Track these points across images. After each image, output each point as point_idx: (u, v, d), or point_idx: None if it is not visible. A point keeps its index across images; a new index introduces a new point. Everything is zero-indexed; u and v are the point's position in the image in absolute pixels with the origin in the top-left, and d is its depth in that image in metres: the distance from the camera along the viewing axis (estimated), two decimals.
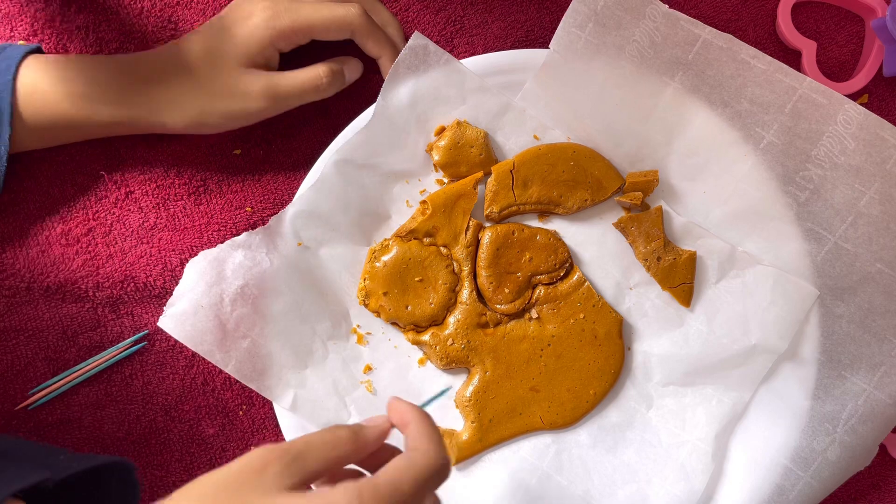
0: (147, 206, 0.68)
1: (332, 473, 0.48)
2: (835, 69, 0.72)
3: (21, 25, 0.68)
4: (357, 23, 0.64)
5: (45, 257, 0.67)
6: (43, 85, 0.62)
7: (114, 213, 0.68)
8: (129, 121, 0.63)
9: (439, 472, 0.46)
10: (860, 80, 0.70)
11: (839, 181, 0.66)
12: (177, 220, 0.68)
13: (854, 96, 0.71)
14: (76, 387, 0.67)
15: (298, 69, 0.65)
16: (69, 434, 0.67)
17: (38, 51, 0.65)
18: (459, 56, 0.68)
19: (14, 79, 0.62)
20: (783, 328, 0.66)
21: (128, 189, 0.68)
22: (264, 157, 0.69)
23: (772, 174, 0.67)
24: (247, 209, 0.68)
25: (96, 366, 0.67)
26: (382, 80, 0.66)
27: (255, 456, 0.44)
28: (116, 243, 0.67)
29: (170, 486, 0.67)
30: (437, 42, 0.70)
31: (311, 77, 0.64)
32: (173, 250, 0.68)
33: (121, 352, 0.67)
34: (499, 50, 0.69)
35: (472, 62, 0.67)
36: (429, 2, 0.71)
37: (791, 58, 0.71)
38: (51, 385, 0.66)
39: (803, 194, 0.67)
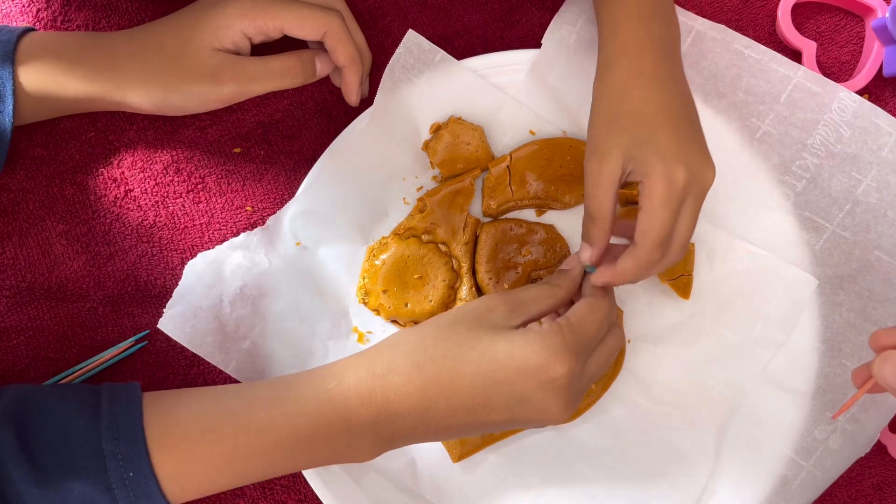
0: (146, 204, 0.68)
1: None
2: (835, 69, 0.72)
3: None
4: (333, 27, 0.63)
5: (45, 257, 0.67)
6: (32, 60, 0.62)
7: (113, 212, 0.68)
8: (96, 96, 0.63)
9: (610, 313, 0.56)
10: (860, 81, 0.70)
11: (835, 169, 0.67)
12: (176, 218, 0.68)
13: None
14: None
15: (268, 56, 0.64)
16: None
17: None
18: (459, 56, 0.68)
19: (14, 51, 0.61)
20: (783, 318, 0.67)
21: (127, 187, 0.68)
22: (265, 156, 0.69)
23: (768, 164, 0.67)
24: (247, 209, 0.69)
25: (96, 366, 0.66)
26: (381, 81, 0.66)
27: (486, 299, 0.55)
28: (116, 242, 0.67)
29: None
30: (436, 42, 0.69)
31: (279, 64, 0.63)
32: (174, 249, 0.68)
33: (121, 352, 0.67)
34: (499, 50, 0.69)
35: (472, 62, 0.67)
36: (428, 1, 0.71)
37: (791, 58, 0.71)
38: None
39: (800, 183, 0.67)
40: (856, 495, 0.69)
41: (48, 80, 0.62)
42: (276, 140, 0.69)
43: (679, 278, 0.66)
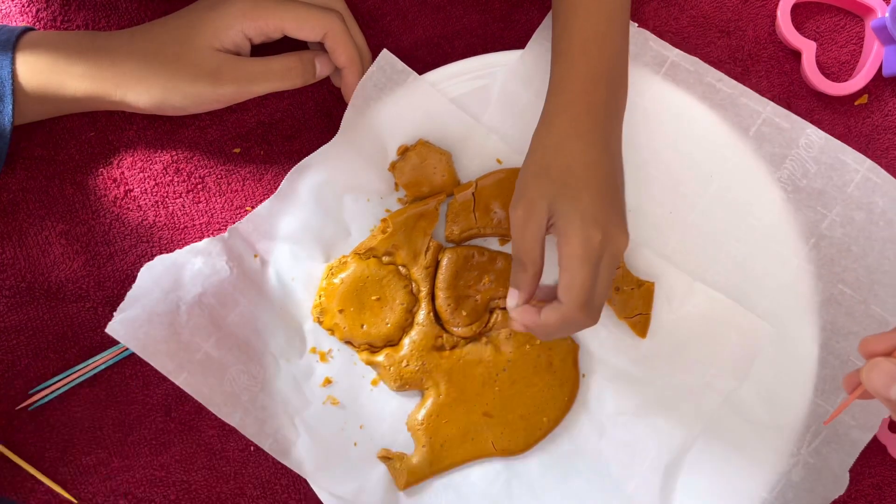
0: (146, 204, 0.68)
1: None
2: (834, 69, 0.72)
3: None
4: (333, 27, 0.63)
5: (45, 257, 0.67)
6: (32, 60, 0.62)
7: (113, 212, 0.68)
8: (95, 95, 0.62)
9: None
10: (860, 81, 0.69)
11: (801, 204, 0.67)
12: (176, 218, 0.68)
13: (853, 97, 0.71)
14: (76, 387, 0.67)
15: (268, 56, 0.63)
16: (69, 434, 0.67)
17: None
18: (459, 56, 0.68)
19: (14, 50, 0.61)
20: (737, 364, 0.67)
21: (127, 187, 0.68)
22: (265, 157, 0.69)
23: (735, 196, 0.67)
24: (247, 209, 0.69)
25: (96, 366, 0.67)
26: None
27: None
28: (116, 242, 0.67)
29: (169, 485, 0.67)
30: (435, 42, 0.69)
31: (279, 65, 0.63)
32: (173, 249, 0.68)
33: (121, 352, 0.67)
34: (499, 50, 0.68)
35: (471, 63, 0.67)
36: (428, 1, 0.71)
37: (791, 58, 0.71)
38: (51, 385, 0.66)
39: (767, 217, 0.67)
40: (856, 495, 0.69)
41: (48, 79, 0.62)
42: (275, 140, 0.69)
43: (637, 317, 0.66)
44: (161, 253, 0.67)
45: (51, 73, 0.62)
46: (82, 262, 0.67)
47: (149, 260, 0.66)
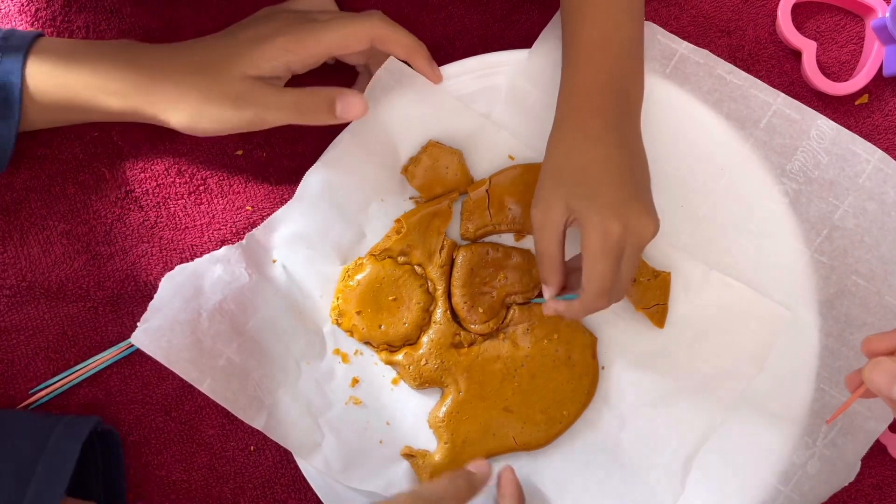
0: (147, 204, 0.68)
1: None
2: (835, 69, 0.72)
3: (21, 25, 0.68)
4: (376, 29, 0.62)
5: (46, 256, 0.67)
6: (50, 68, 0.61)
7: (114, 212, 0.68)
8: (129, 111, 0.62)
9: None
10: (860, 81, 0.70)
11: (813, 195, 0.67)
12: (177, 219, 0.68)
13: (854, 96, 0.71)
14: (76, 387, 0.67)
15: (293, 88, 0.62)
16: None
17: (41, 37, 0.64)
18: (459, 56, 0.68)
19: (24, 60, 0.61)
20: (756, 351, 0.67)
21: (128, 188, 0.68)
22: (267, 158, 0.69)
23: (747, 189, 0.68)
24: (247, 209, 0.69)
25: (96, 366, 0.67)
26: None
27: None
28: (117, 242, 0.68)
29: (169, 485, 0.67)
30: (436, 42, 0.70)
31: (291, 98, 0.61)
32: (174, 250, 0.68)
33: (121, 351, 0.67)
34: (500, 50, 0.69)
35: (471, 62, 0.67)
36: (429, 1, 0.71)
37: (791, 58, 0.71)
38: (51, 385, 0.66)
39: (779, 208, 0.67)
40: (856, 495, 0.69)
41: (76, 92, 0.61)
42: (277, 142, 0.69)
43: (654, 307, 0.67)
44: (161, 253, 0.67)
45: (85, 89, 0.61)
46: (83, 262, 0.67)
47: (149, 260, 0.67)
